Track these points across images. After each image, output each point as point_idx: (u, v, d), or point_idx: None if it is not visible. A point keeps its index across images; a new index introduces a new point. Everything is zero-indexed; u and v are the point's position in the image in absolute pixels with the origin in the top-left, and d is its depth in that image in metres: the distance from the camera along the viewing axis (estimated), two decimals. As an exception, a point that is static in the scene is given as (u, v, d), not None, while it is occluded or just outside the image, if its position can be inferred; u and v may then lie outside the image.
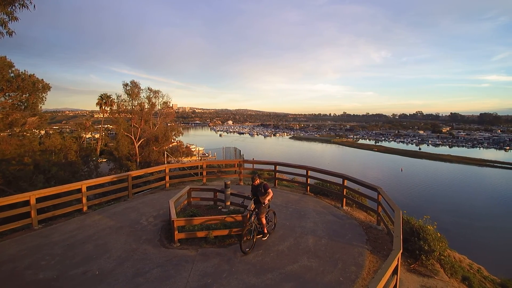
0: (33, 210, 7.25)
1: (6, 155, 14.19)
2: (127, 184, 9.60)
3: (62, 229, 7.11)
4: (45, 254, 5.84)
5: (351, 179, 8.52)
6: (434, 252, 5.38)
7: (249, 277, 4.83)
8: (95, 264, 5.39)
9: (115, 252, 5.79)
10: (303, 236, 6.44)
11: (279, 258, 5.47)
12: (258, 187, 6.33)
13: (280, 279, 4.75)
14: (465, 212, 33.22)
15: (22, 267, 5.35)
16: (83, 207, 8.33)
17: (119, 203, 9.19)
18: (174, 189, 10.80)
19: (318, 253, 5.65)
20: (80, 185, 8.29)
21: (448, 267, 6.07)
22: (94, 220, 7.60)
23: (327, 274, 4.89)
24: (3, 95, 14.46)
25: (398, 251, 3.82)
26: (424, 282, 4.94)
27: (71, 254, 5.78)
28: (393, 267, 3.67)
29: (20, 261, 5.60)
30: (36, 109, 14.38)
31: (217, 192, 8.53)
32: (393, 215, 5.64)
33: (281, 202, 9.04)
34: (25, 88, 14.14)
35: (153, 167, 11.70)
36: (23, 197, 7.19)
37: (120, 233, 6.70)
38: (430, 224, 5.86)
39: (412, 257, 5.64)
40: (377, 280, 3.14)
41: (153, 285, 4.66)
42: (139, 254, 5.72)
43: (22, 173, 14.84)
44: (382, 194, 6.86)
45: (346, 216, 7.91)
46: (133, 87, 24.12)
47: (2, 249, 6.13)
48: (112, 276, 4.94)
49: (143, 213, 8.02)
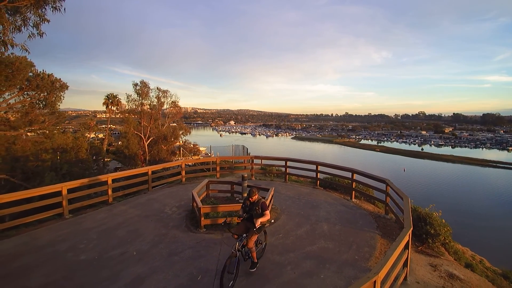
0: (64, 200, 7.82)
1: (26, 152, 14.83)
2: (147, 177, 10.19)
3: (92, 218, 7.68)
4: (82, 239, 6.40)
5: (360, 173, 9.04)
6: (439, 236, 5.89)
7: (274, 256, 5.37)
8: (131, 246, 5.95)
9: (148, 236, 6.35)
10: (318, 223, 6.98)
11: (298, 241, 6.01)
12: (254, 204, 4.93)
13: (301, 258, 5.28)
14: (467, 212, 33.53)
15: (62, 250, 5.90)
16: (109, 199, 8.90)
17: (140, 195, 9.76)
18: (190, 183, 11.36)
19: (333, 237, 6.18)
20: (107, 177, 8.86)
21: (452, 252, 6.58)
22: (121, 210, 8.17)
23: (343, 254, 5.42)
24: (22, 93, 15.11)
25: (409, 229, 4.35)
26: (431, 261, 5.46)
27: (106, 239, 6.34)
28: (405, 241, 4.19)
29: (59, 245, 6.15)
30: (54, 107, 14.98)
31: (234, 185, 9.08)
32: (402, 203, 6.16)
33: (293, 194, 9.57)
34: (44, 87, 14.76)
35: (170, 162, 12.27)
36: (56, 188, 7.77)
37: (148, 221, 7.26)
38: (435, 211, 6.38)
39: (419, 241, 6.16)
40: (393, 249, 3.67)
41: (188, 262, 5.21)
42: (169, 238, 6.27)
43: (40, 169, 15.50)
44: (391, 185, 7.38)
45: (356, 207, 8.43)
46: (142, 87, 24.76)
47: (39, 236, 6.68)
48: (149, 256, 5.50)
49: (165, 204, 8.58)
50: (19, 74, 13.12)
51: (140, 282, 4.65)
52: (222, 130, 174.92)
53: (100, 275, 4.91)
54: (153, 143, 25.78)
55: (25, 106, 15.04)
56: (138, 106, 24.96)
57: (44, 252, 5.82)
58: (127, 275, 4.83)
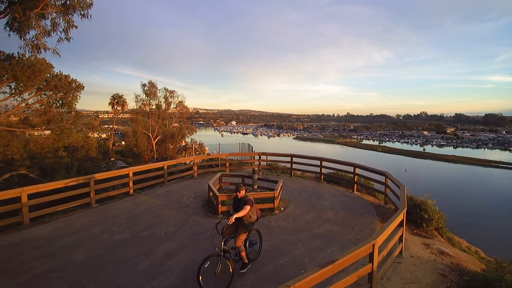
0: (92, 191, 8.60)
1: (44, 149, 15.66)
2: (163, 172, 10.95)
3: (117, 206, 8.45)
4: (112, 223, 7.17)
5: (361, 167, 9.76)
6: (432, 221, 6.59)
7: (285, 236, 6.11)
8: (158, 229, 6.70)
9: (171, 221, 7.10)
10: (323, 210, 7.71)
11: (306, 224, 6.74)
12: (240, 200, 4.85)
13: (310, 237, 6.01)
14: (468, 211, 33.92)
15: (97, 233, 6.67)
16: (130, 190, 9.66)
17: (157, 188, 10.53)
18: (201, 178, 12.12)
19: (337, 221, 6.91)
20: (128, 170, 9.64)
21: (446, 237, 7.27)
22: (143, 200, 8.94)
23: (347, 235, 6.14)
24: (40, 93, 15.94)
25: (403, 209, 5.07)
26: (425, 241, 6.16)
27: (134, 223, 7.11)
28: (400, 219, 4.91)
29: (93, 228, 6.92)
30: (71, 106, 15.78)
31: (244, 178, 9.80)
32: (399, 191, 6.87)
33: (299, 187, 10.31)
34: (61, 87, 15.58)
35: (184, 157, 13.02)
36: (85, 179, 8.55)
37: (170, 209, 8.02)
38: (430, 199, 7.08)
39: (415, 225, 6.86)
40: (389, 223, 4.39)
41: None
42: (191, 222, 7.03)
43: (58, 165, 16.34)
44: (389, 177, 8.09)
45: (358, 198, 9.16)
46: (150, 87, 25.59)
47: (72, 222, 7.45)
48: (176, 236, 6.25)
49: (182, 195, 9.34)
50: (40, 75, 13.94)
51: (172, 256, 5.40)
52: (223, 130, 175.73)
53: (135, 251, 5.67)
54: (160, 142, 26.60)
55: (43, 105, 15.87)
56: (146, 105, 25.80)
57: (81, 234, 6.59)
58: (160, 251, 5.59)
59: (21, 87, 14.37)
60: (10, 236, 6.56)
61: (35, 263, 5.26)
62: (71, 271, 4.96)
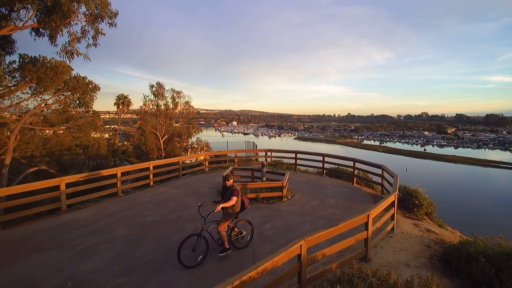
0: (118, 182, 9.59)
1: (64, 146, 16.69)
2: (178, 166, 11.95)
3: (142, 195, 9.44)
4: (142, 208, 8.15)
5: (360, 161, 10.72)
6: (422, 206, 7.54)
7: (294, 218, 7.09)
8: (182, 212, 7.68)
9: (193, 207, 8.06)
10: (326, 198, 8.68)
11: (311, 209, 7.72)
12: (227, 189, 5.38)
13: (315, 219, 6.99)
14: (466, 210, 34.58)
15: (130, 216, 7.65)
16: (150, 182, 10.66)
17: (174, 180, 11.52)
18: (212, 172, 13.11)
19: (338, 207, 7.88)
20: (149, 164, 10.63)
21: (435, 222, 8.21)
22: (164, 190, 9.93)
23: (347, 217, 7.04)
24: (59, 94, 16.97)
25: (395, 191, 6.03)
26: (415, 222, 7.11)
27: (161, 208, 8.09)
28: (391, 199, 5.87)
29: (125, 212, 7.90)
30: (89, 106, 16.80)
31: (254, 171, 10.79)
32: (392, 180, 7.83)
33: (304, 180, 11.28)
34: (79, 88, 16.61)
35: (197, 154, 14.00)
36: (113, 171, 9.55)
37: (189, 197, 9.01)
38: (421, 188, 8.04)
39: (407, 210, 7.81)
40: (382, 201, 5.35)
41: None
42: (211, 207, 7.99)
43: (76, 161, 17.39)
44: (385, 169, 9.06)
45: (357, 189, 10.12)
46: (158, 88, 26.61)
47: (105, 208, 8.42)
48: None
49: (198, 186, 10.33)
50: (62, 76, 14.99)
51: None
52: (224, 131, 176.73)
53: (167, 228, 6.65)
54: (167, 141, 27.60)
55: (61, 105, 16.91)
56: (154, 105, 26.82)
57: (116, 217, 7.57)
58: (189, 228, 6.56)
59: (42, 88, 15.38)
60: (52, 219, 7.56)
61: (82, 239, 6.24)
62: (116, 244, 5.95)
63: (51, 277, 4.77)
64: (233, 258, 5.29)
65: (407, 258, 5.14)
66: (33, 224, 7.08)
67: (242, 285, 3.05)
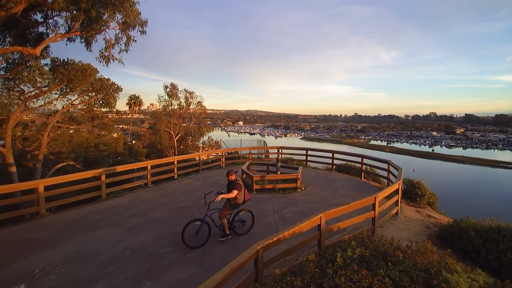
0: (149, 174, 10.69)
1: (90, 143, 18.00)
2: (198, 161, 13.01)
3: (169, 186, 10.51)
4: (173, 196, 9.20)
5: (368, 157, 11.59)
6: (425, 196, 8.38)
7: (308, 205, 8.03)
8: (208, 200, 8.68)
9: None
10: (336, 190, 9.59)
11: (323, 198, 8.65)
12: (231, 183, 5.92)
13: (327, 205, 7.90)
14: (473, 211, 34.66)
15: (164, 202, 8.70)
16: (175, 175, 11.74)
17: (194, 174, 12.57)
18: (228, 167, 14.13)
19: (348, 196, 8.79)
20: (173, 159, 11.72)
21: (436, 210, 9.03)
22: (188, 182, 10.99)
23: (356, 204, 8.00)
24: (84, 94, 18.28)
25: (399, 180, 6.91)
26: (417, 209, 7.96)
27: (189, 196, 9.13)
28: (396, 187, 6.74)
29: (159, 199, 8.95)
30: (112, 106, 18.05)
31: (269, 166, 11.76)
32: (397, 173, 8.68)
33: (315, 174, 12.21)
34: (103, 89, 17.88)
35: (214, 150, 15.06)
36: (143, 164, 10.65)
37: (212, 187, 10.03)
38: (423, 181, 8.88)
39: (411, 200, 8.66)
40: (387, 187, 6.24)
41: (254, 207, 7.90)
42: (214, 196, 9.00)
43: (100, 158, 18.69)
44: (391, 164, 9.90)
45: (365, 182, 11.00)
46: (172, 89, 27.86)
47: (140, 196, 9.48)
48: (225, 204, 8.23)
49: (219, 179, 11.36)
50: (89, 78, 16.25)
51: (227, 214, 7.37)
52: (231, 131, 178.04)
53: (198, 212, 7.66)
54: (180, 139, 28.82)
55: (86, 105, 18.20)
56: (168, 105, 28.08)
57: (152, 203, 8.64)
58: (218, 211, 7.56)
59: (70, 89, 16.65)
60: (96, 205, 8.66)
61: (128, 219, 7.31)
62: (158, 223, 7.00)
63: (112, 247, 5.83)
64: (261, 234, 6.26)
65: (409, 235, 6.03)
66: (81, 209, 8.20)
67: (277, 242, 4.03)
